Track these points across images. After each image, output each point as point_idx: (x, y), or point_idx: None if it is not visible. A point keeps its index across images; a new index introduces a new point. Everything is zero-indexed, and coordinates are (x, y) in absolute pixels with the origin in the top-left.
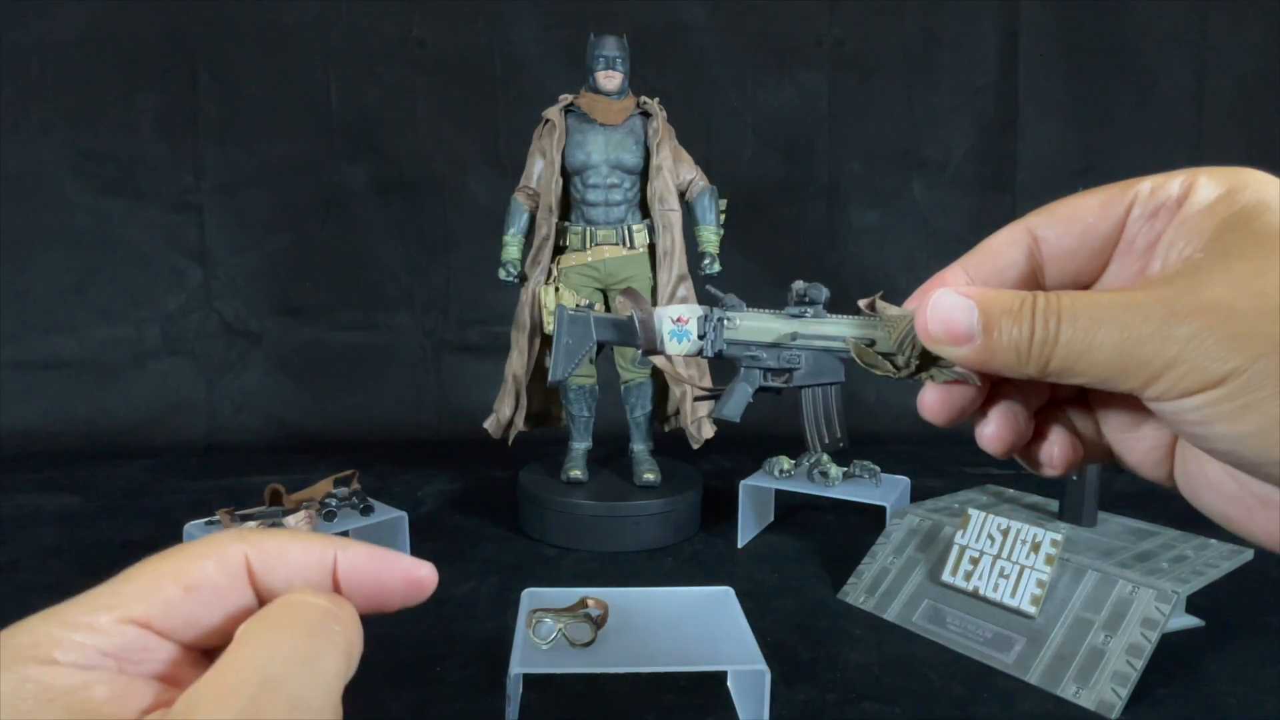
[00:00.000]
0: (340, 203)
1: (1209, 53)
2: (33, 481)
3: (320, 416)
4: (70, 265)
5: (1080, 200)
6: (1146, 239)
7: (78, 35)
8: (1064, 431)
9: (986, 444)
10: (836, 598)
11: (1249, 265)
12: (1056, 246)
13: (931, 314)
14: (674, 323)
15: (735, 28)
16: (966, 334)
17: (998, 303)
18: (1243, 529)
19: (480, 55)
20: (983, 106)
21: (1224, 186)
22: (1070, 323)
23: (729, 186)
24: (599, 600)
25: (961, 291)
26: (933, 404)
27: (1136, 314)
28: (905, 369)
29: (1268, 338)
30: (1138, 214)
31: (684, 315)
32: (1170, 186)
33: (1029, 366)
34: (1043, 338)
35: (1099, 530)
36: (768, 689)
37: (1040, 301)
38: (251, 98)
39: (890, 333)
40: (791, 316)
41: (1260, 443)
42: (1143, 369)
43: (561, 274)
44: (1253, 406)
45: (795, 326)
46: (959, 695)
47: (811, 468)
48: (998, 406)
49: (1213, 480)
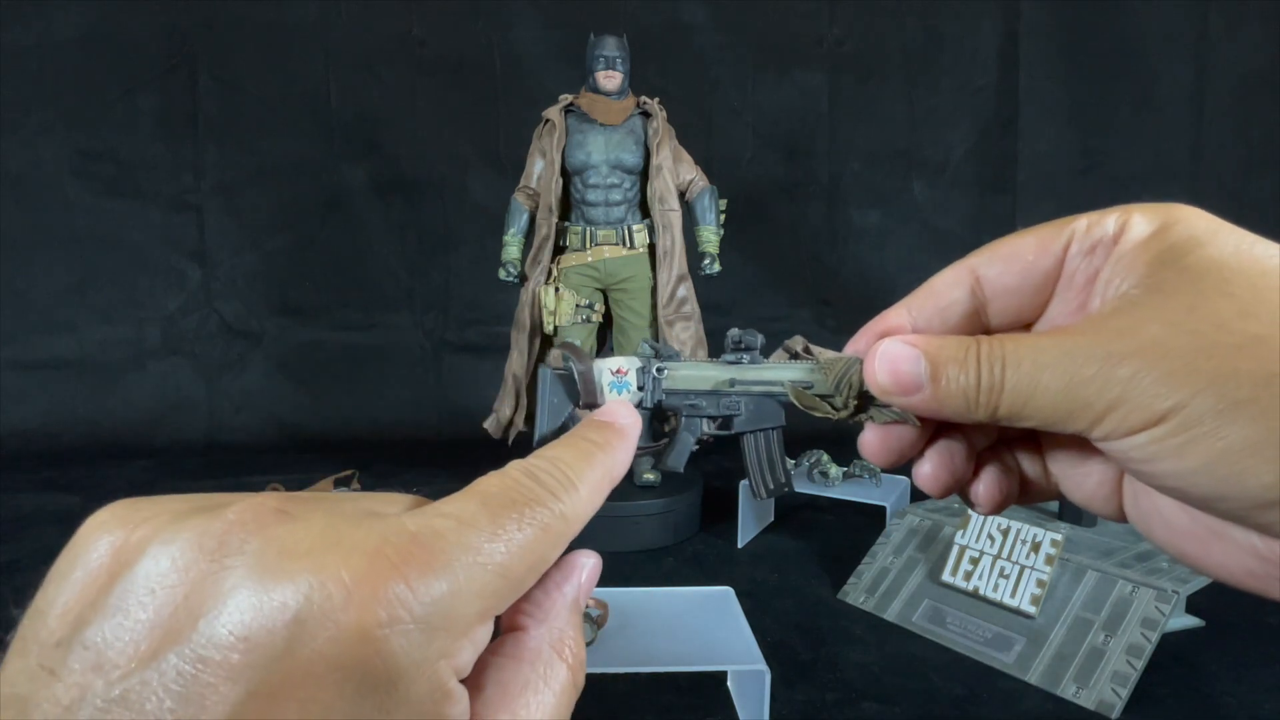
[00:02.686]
0: (340, 203)
1: (1209, 53)
2: (33, 481)
3: (320, 416)
4: (70, 265)
5: (1019, 239)
6: (1085, 274)
7: (78, 35)
8: (996, 471)
9: (922, 484)
10: (836, 598)
11: (1181, 301)
12: (998, 285)
13: (879, 365)
14: (613, 374)
15: (735, 28)
16: (914, 384)
17: (944, 351)
18: (1198, 564)
19: (480, 55)
20: (983, 106)
21: (1156, 223)
22: (1015, 368)
23: (729, 186)
24: (599, 600)
25: (908, 340)
26: (872, 445)
27: (1078, 357)
28: (844, 410)
29: (1204, 373)
30: (1075, 250)
31: (623, 366)
32: (1106, 223)
33: (978, 412)
34: (989, 384)
35: (1099, 530)
36: (768, 689)
37: (984, 348)
38: (251, 98)
39: (827, 375)
40: (728, 364)
41: (1205, 478)
42: (1087, 411)
43: (561, 274)
44: (1195, 441)
45: (733, 373)
46: (959, 695)
47: (812, 468)
48: (935, 446)
49: (1165, 515)
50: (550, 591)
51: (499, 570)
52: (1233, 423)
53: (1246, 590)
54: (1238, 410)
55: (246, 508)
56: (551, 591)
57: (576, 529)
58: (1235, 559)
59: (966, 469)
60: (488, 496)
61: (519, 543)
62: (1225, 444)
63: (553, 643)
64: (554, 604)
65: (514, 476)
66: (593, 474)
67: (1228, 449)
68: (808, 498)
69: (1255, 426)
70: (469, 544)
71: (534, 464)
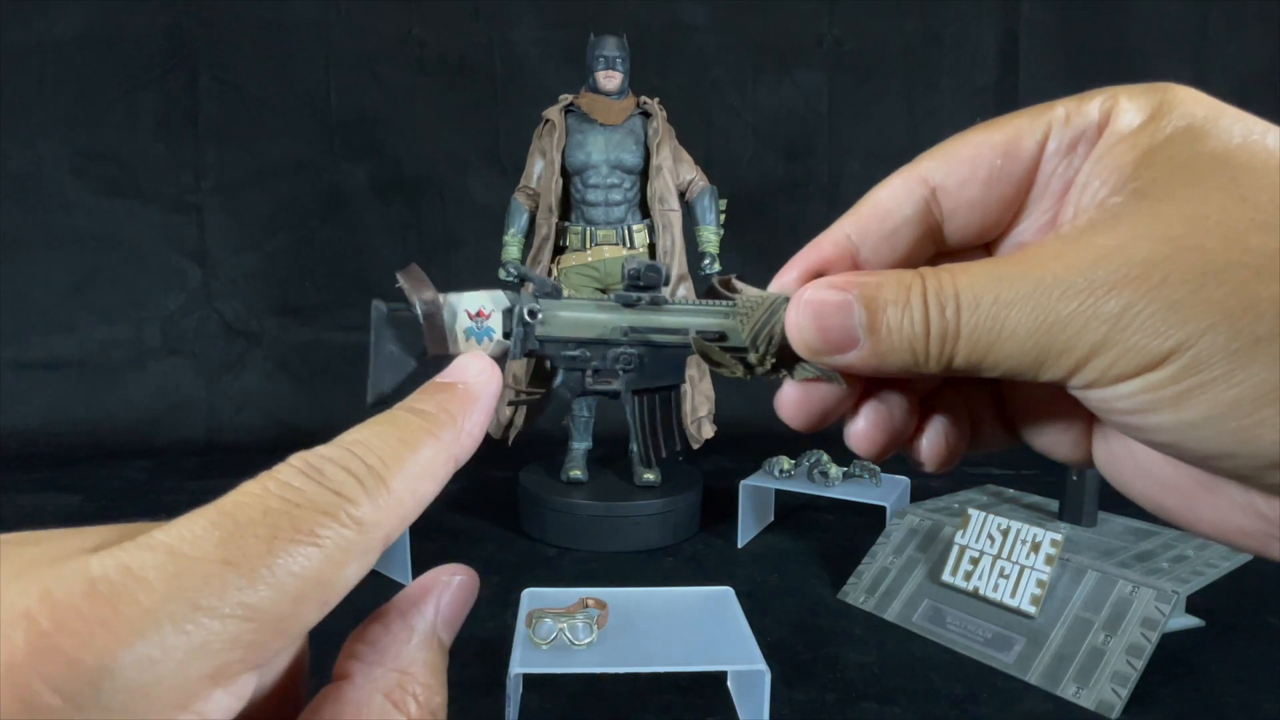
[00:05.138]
0: (340, 203)
1: (1209, 53)
2: (33, 481)
3: (320, 416)
4: (70, 265)
5: (982, 135)
6: (1062, 179)
7: (78, 35)
8: (943, 423)
9: (854, 444)
10: (836, 598)
11: (1180, 209)
12: (959, 198)
13: (802, 318)
14: (471, 318)
15: (735, 28)
16: (848, 338)
17: (882, 292)
18: (1181, 519)
19: (480, 55)
20: (983, 106)
21: (1146, 110)
22: (971, 308)
23: (729, 186)
24: (599, 600)
25: (835, 284)
26: (790, 406)
27: (1052, 290)
28: (761, 367)
29: (1215, 304)
30: (1053, 148)
31: (484, 307)
32: (1088, 110)
33: (929, 365)
34: (940, 330)
35: (1099, 530)
36: (768, 689)
37: (931, 284)
38: (251, 98)
39: (744, 324)
40: (624, 306)
41: (1209, 433)
42: (1065, 356)
43: (562, 274)
44: (1200, 388)
45: (627, 319)
46: (959, 695)
47: (812, 468)
48: (870, 403)
49: (1144, 464)
50: (390, 624)
51: (239, 613)
52: (1249, 365)
53: (1238, 549)
54: (1256, 349)
55: None
56: (392, 624)
57: (383, 537)
58: (1229, 517)
59: (908, 423)
60: (225, 512)
61: (274, 571)
62: (1238, 392)
63: (388, 691)
64: (393, 640)
65: (280, 479)
66: (415, 461)
67: (1240, 398)
68: (808, 498)
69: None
70: (181, 584)
71: (321, 456)
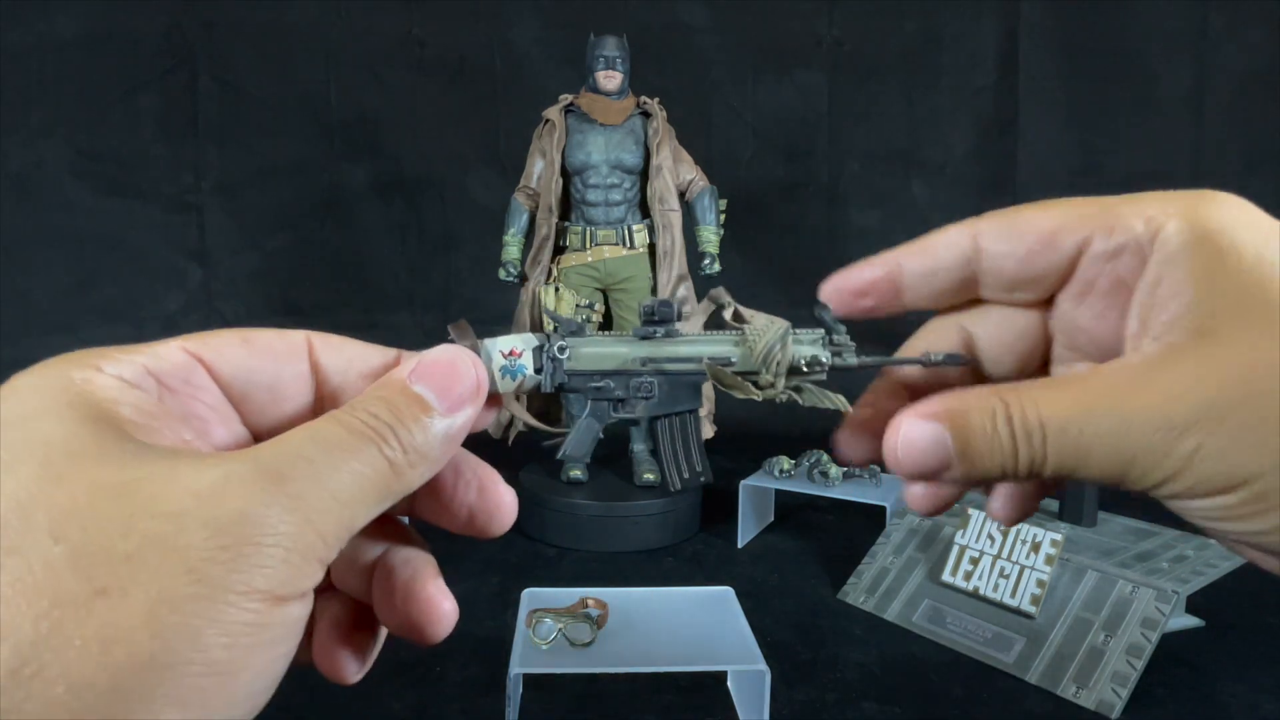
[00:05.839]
0: (340, 203)
1: (1209, 53)
2: None
3: None
4: (70, 265)
5: (1033, 217)
6: (1110, 280)
7: (78, 35)
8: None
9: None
10: (836, 598)
11: (1238, 355)
12: (998, 265)
13: (902, 453)
14: (505, 357)
15: (735, 28)
16: (942, 464)
17: (970, 422)
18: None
19: (480, 55)
20: (983, 106)
21: (1194, 230)
22: (1058, 436)
23: (729, 186)
24: (599, 600)
25: (924, 414)
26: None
27: (1133, 426)
28: (770, 389)
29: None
30: (1098, 250)
31: (516, 347)
32: (1133, 226)
33: (1018, 479)
34: (1029, 457)
35: (1099, 530)
36: (768, 689)
37: (1016, 412)
38: (251, 98)
39: (752, 349)
40: (641, 339)
41: (1273, 538)
42: (1146, 478)
43: (561, 274)
44: (1267, 510)
45: (645, 350)
46: (959, 695)
47: (812, 468)
48: None
49: None
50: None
51: None
52: None
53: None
54: None
55: None
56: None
57: None
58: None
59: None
60: None
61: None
62: None
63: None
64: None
65: None
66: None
67: None
68: (808, 498)
69: None
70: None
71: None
